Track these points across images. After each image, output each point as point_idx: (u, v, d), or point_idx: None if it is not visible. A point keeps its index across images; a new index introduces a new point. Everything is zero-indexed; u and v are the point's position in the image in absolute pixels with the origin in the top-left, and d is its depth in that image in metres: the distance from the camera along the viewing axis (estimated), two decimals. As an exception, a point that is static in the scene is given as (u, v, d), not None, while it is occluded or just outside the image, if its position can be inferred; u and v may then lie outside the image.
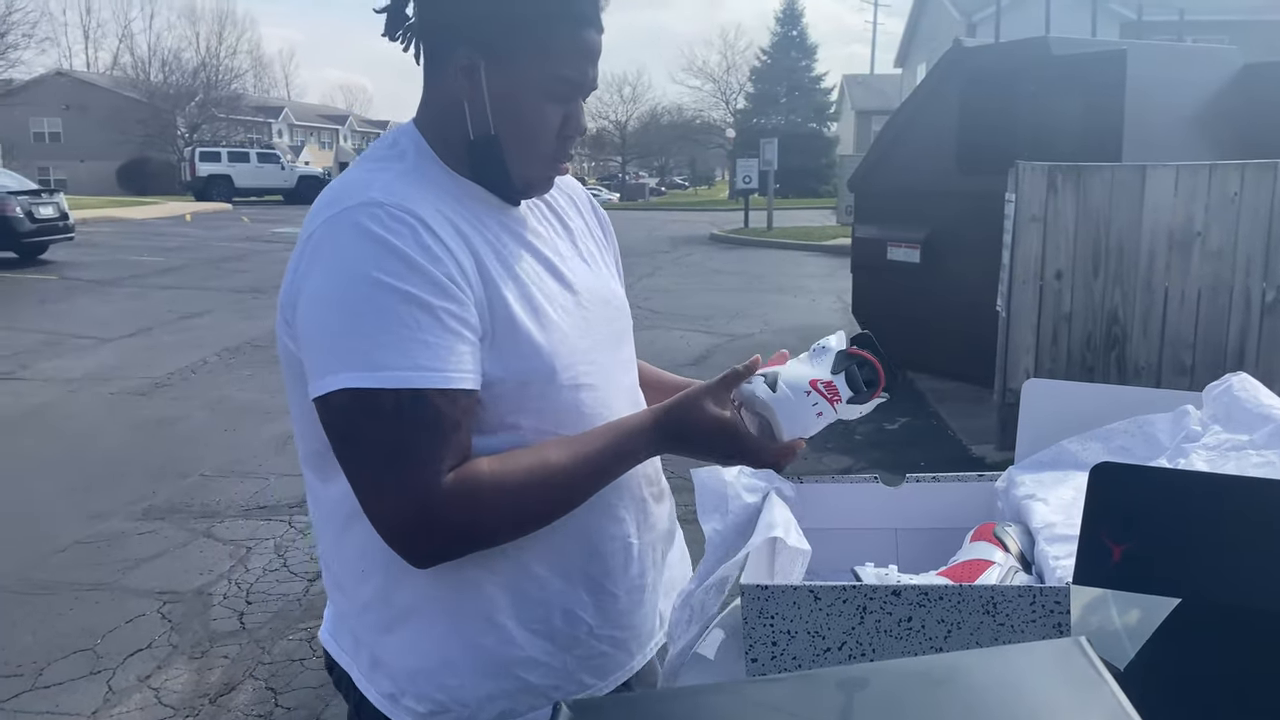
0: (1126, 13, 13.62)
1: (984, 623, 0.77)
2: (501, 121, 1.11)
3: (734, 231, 22.44)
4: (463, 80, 1.11)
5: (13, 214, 14.55)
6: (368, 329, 1.00)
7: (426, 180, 1.12)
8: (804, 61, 50.08)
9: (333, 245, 1.04)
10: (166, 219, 26.06)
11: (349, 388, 0.99)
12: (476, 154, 1.13)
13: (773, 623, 0.80)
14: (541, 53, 1.09)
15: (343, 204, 1.06)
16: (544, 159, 1.15)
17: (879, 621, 0.78)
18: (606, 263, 1.33)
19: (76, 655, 3.47)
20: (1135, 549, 0.73)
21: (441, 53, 1.13)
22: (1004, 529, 0.97)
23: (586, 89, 1.15)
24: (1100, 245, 5.38)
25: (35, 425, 6.40)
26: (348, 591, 1.19)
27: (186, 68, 49.09)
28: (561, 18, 1.10)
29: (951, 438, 6.14)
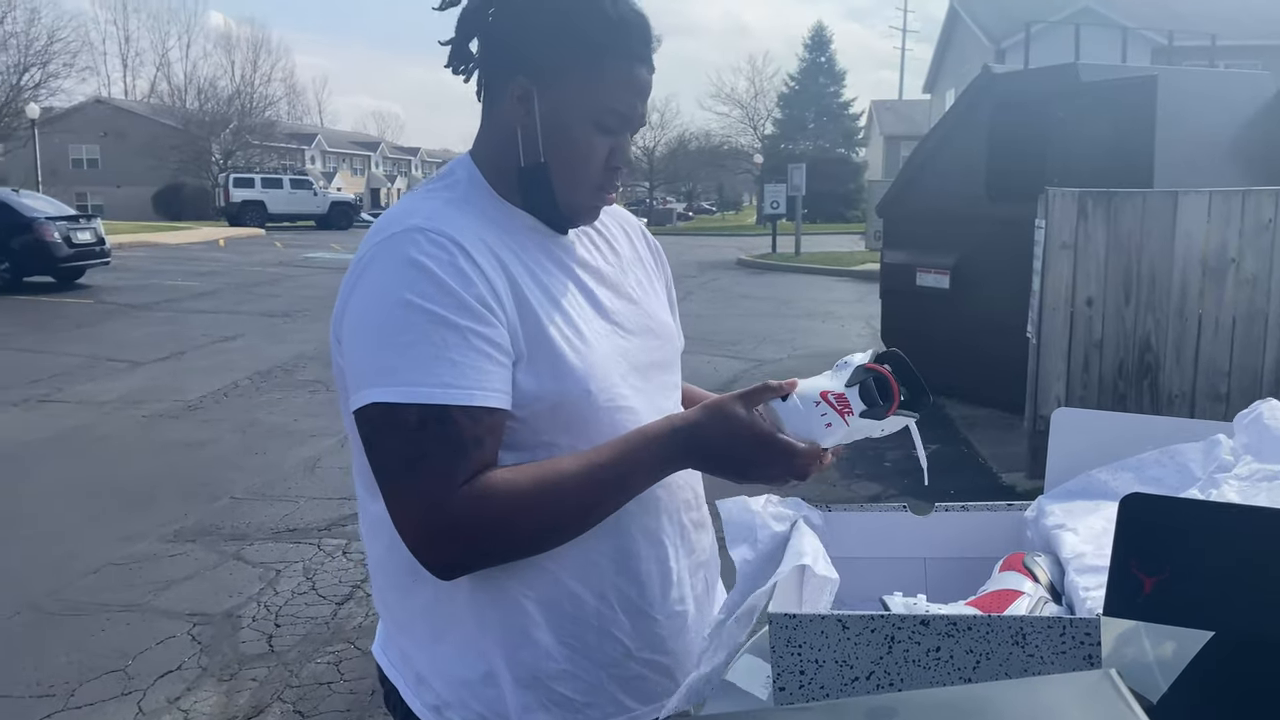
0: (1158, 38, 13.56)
1: (1013, 654, 0.76)
2: (552, 149, 1.16)
3: (762, 257, 22.45)
4: (517, 108, 1.16)
5: (51, 239, 14.81)
6: (398, 347, 1.05)
7: (473, 207, 1.17)
8: (832, 87, 50.21)
9: (375, 269, 1.10)
10: (200, 244, 26.44)
11: (377, 402, 1.05)
12: (526, 180, 1.18)
13: (800, 651, 0.80)
14: (594, 84, 1.14)
15: (389, 230, 1.12)
16: (590, 188, 1.20)
17: (907, 651, 0.78)
18: (655, 291, 1.35)
19: (108, 676, 3.50)
20: (1167, 581, 0.72)
21: (500, 82, 1.18)
22: (1033, 559, 0.97)
23: (635, 123, 1.19)
24: (1132, 272, 5.34)
25: (70, 447, 6.49)
26: (394, 606, 1.23)
27: (222, 95, 49.96)
28: (614, 52, 1.15)
29: (982, 465, 6.09)
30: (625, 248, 1.33)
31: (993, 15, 30.30)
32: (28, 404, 7.64)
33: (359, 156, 67.12)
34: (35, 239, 14.71)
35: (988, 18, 30.57)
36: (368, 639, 3.69)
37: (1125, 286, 5.35)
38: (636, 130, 1.22)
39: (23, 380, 8.45)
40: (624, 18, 1.16)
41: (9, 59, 33.91)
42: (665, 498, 1.21)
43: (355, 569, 4.42)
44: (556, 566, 1.15)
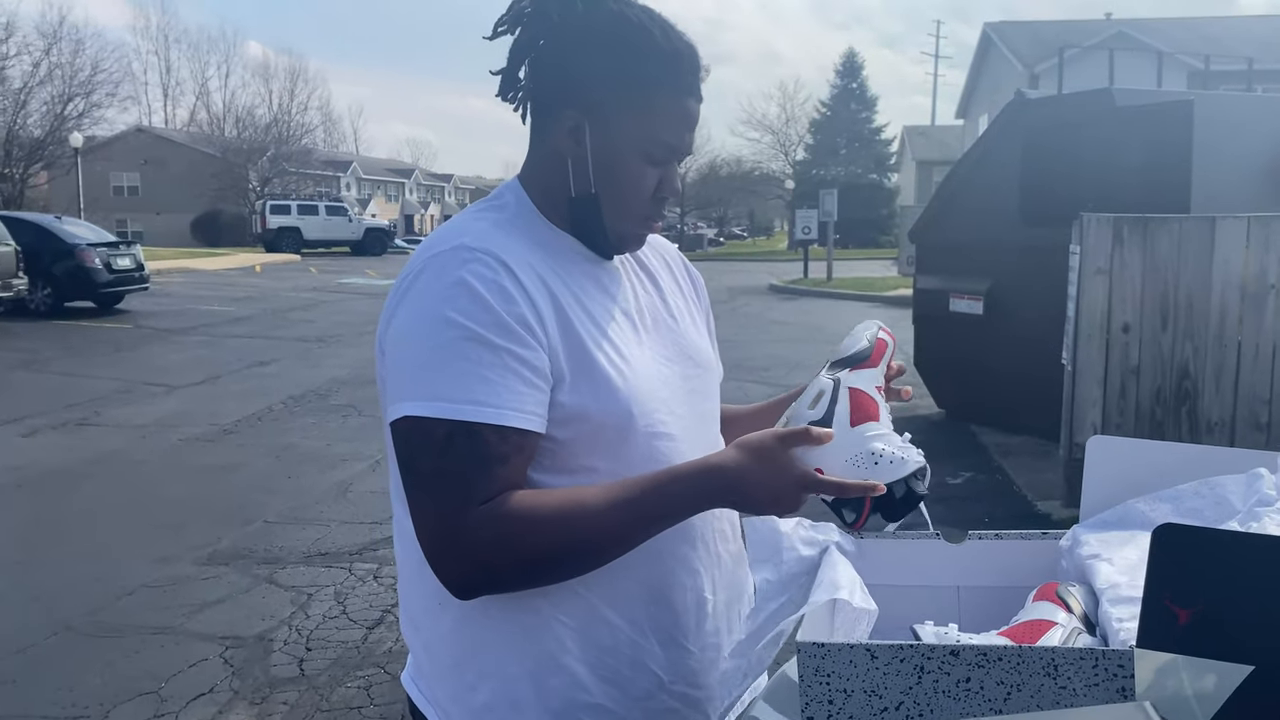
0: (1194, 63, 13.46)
1: (1045, 685, 0.75)
2: (602, 180, 1.17)
3: (793, 282, 22.43)
4: (568, 140, 1.18)
5: (92, 265, 15.09)
6: (434, 363, 1.07)
7: (520, 230, 1.19)
8: (864, 113, 50.27)
9: (421, 284, 1.12)
10: (237, 270, 26.81)
11: (409, 415, 1.06)
12: (577, 209, 1.20)
13: (829, 681, 0.79)
14: (644, 117, 1.16)
15: (437, 248, 1.14)
16: (638, 217, 1.21)
17: (937, 682, 0.77)
18: (695, 320, 1.36)
19: (141, 698, 3.52)
20: (1202, 613, 0.71)
21: (550, 113, 1.19)
22: (1067, 589, 0.95)
23: (683, 153, 1.20)
24: (1169, 298, 5.28)
25: (106, 470, 6.57)
26: (422, 628, 1.22)
27: (259, 123, 50.76)
28: (665, 85, 1.16)
29: (1016, 493, 6.01)
30: (665, 277, 1.34)
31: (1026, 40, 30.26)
32: (66, 427, 7.76)
33: (393, 183, 67.88)
34: (77, 265, 15.00)
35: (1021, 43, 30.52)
36: (398, 664, 3.70)
37: (1162, 312, 5.28)
38: (683, 159, 1.23)
39: (61, 404, 8.58)
40: (676, 50, 1.17)
41: (54, 89, 34.71)
42: (701, 527, 1.21)
43: (386, 593, 4.43)
44: (591, 594, 1.14)
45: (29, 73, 33.62)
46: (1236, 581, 0.72)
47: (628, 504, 1.07)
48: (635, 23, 1.16)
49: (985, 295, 7.35)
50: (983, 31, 35.22)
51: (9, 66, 31.80)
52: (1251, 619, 0.71)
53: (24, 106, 33.53)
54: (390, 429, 1.10)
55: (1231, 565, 0.72)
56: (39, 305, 14.86)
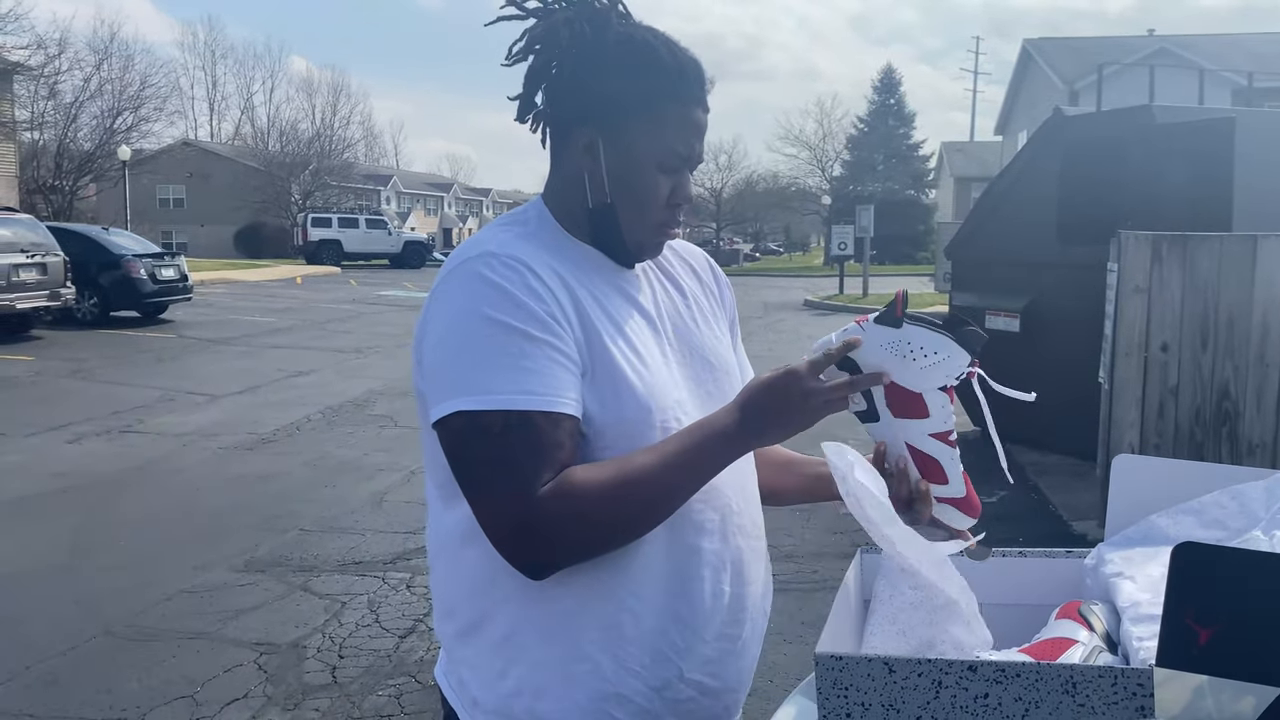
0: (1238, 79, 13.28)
1: (1063, 703, 0.75)
2: (617, 191, 1.23)
3: (828, 298, 22.34)
4: (584, 156, 1.24)
5: (137, 275, 15.37)
6: (479, 359, 1.11)
7: (542, 241, 1.24)
8: (901, 129, 50.06)
9: (452, 289, 1.18)
10: (278, 281, 27.15)
11: (462, 410, 1.10)
12: (595, 220, 1.26)
13: (847, 694, 0.80)
14: (654, 130, 1.22)
15: (463, 257, 1.20)
16: (654, 225, 1.26)
17: (955, 697, 0.77)
18: (717, 324, 1.40)
19: (177, 702, 3.57)
20: (1223, 633, 0.71)
21: (565, 132, 1.26)
22: (1089, 607, 0.95)
23: (693, 162, 1.27)
24: (1209, 317, 5.21)
25: (147, 478, 6.68)
26: (456, 617, 1.26)
27: (302, 138, 51.46)
28: (671, 99, 1.22)
29: (1052, 513, 5.95)
30: (689, 282, 1.39)
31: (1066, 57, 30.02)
32: (110, 435, 7.90)
33: (432, 197, 68.50)
34: (123, 275, 15.28)
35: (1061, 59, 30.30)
36: (429, 673, 3.72)
37: (1202, 332, 5.21)
38: (695, 167, 1.28)
39: (106, 411, 8.74)
40: (681, 65, 1.23)
41: (104, 104, 35.40)
42: (722, 523, 1.24)
43: (419, 602, 4.46)
44: (615, 585, 1.18)
45: (80, 87, 34.31)
46: (1257, 601, 0.72)
47: (676, 454, 1.13)
48: (641, 41, 1.23)
49: (1022, 313, 7.28)
50: (1022, 48, 35.00)
51: (61, 81, 32.48)
52: (1273, 639, 0.71)
53: (74, 120, 34.23)
54: (439, 428, 1.14)
55: (1252, 584, 0.72)
56: (85, 314, 15.15)
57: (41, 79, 30.36)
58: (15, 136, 27.73)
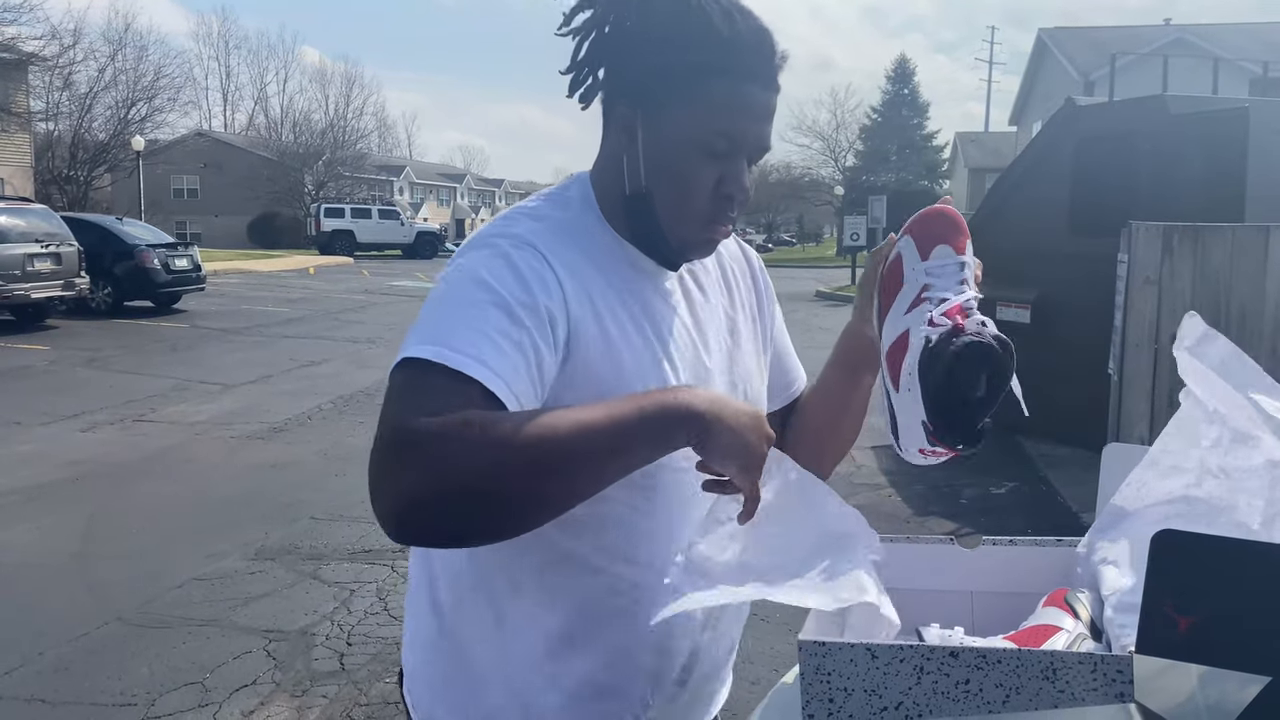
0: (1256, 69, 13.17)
1: (1044, 689, 0.76)
2: (654, 176, 1.09)
3: (840, 289, 22.29)
4: (622, 135, 1.11)
5: (151, 265, 15.47)
6: (454, 316, 0.99)
7: (580, 236, 1.11)
8: (915, 119, 49.84)
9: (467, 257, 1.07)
10: (291, 271, 27.26)
11: (411, 357, 0.95)
12: (630, 210, 1.12)
13: (829, 680, 0.80)
14: (697, 107, 1.07)
15: (494, 232, 1.09)
16: (698, 218, 1.11)
17: (936, 683, 0.78)
18: (755, 343, 1.28)
19: (186, 688, 3.61)
20: (1203, 621, 0.71)
21: (609, 107, 1.14)
22: (1076, 595, 0.96)
23: (750, 148, 1.10)
24: (1220, 309, 5.19)
25: (161, 467, 6.73)
26: (419, 621, 1.26)
27: (315, 128, 51.62)
28: (719, 71, 1.07)
29: (1061, 505, 5.93)
30: (715, 292, 1.24)
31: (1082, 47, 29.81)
32: (124, 424, 7.95)
33: (445, 188, 68.59)
34: (136, 265, 15.38)
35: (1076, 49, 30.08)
36: (436, 661, 3.75)
37: (1213, 323, 5.09)
38: (756, 156, 1.12)
39: (120, 400, 8.80)
40: (735, 34, 1.07)
41: (118, 94, 35.57)
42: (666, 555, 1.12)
43: (426, 592, 4.49)
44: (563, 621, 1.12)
45: (94, 78, 34.49)
46: (1237, 589, 0.72)
47: (595, 408, 0.94)
48: (694, 6, 1.07)
49: (1033, 304, 7.26)
50: (1037, 38, 34.77)
51: (75, 72, 32.65)
52: (1252, 627, 0.72)
53: (89, 111, 34.41)
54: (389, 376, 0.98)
55: (1232, 572, 0.72)
56: (100, 304, 15.25)
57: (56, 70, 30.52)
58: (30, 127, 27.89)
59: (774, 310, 1.35)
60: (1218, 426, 0.98)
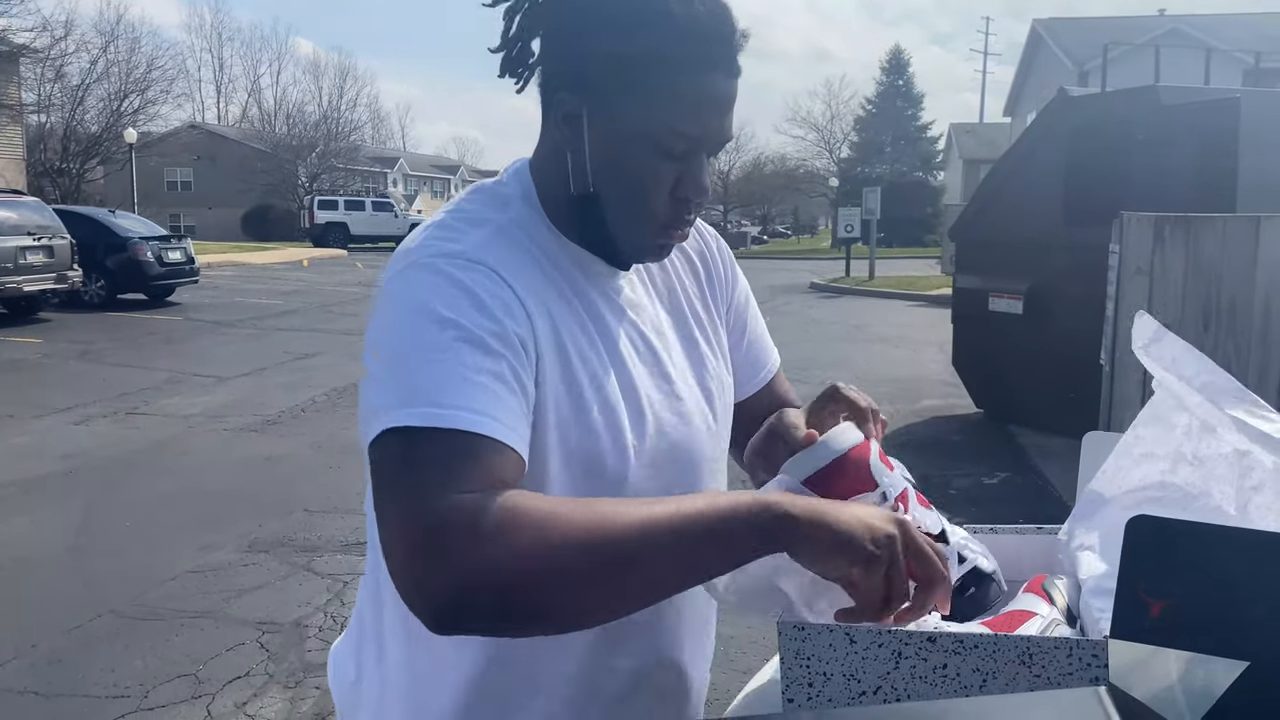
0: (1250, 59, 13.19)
1: (1020, 673, 0.77)
2: (603, 177, 0.98)
3: (835, 281, 22.31)
4: (564, 128, 0.99)
5: (144, 258, 15.44)
6: (425, 365, 0.87)
7: (526, 241, 1.00)
8: (910, 110, 49.83)
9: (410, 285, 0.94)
10: (285, 264, 27.20)
11: (398, 426, 0.84)
12: (576, 212, 1.01)
13: (809, 664, 0.81)
14: (652, 101, 0.94)
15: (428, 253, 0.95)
16: (653, 223, 1.00)
17: (914, 667, 0.79)
18: (719, 331, 1.18)
19: (180, 680, 3.62)
20: (1176, 605, 0.72)
21: (547, 95, 1.01)
22: (1053, 582, 0.97)
23: (709, 143, 0.98)
24: (1211, 299, 5.21)
25: (154, 459, 6.72)
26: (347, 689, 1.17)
27: (309, 120, 51.52)
28: (675, 61, 0.94)
29: (1053, 494, 5.96)
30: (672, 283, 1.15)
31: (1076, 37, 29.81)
32: (117, 416, 7.94)
33: (439, 180, 68.46)
34: (129, 258, 15.34)
35: (1070, 40, 30.09)
36: (429, 652, 3.75)
37: (1204, 313, 5.21)
38: (715, 151, 1.00)
39: (113, 393, 8.79)
40: (693, 19, 0.94)
41: (110, 86, 35.45)
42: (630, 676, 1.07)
43: (420, 583, 4.50)
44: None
45: (86, 70, 34.38)
46: (1209, 574, 0.73)
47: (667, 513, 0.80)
48: None
49: (1025, 294, 7.28)
50: (1032, 28, 34.77)
51: (68, 64, 32.52)
52: (1224, 611, 0.73)
53: (81, 103, 34.31)
54: (373, 450, 0.86)
55: (1204, 557, 0.73)
56: (93, 297, 15.22)
57: (48, 61, 30.39)
58: (22, 119, 27.76)
59: (736, 291, 1.23)
60: (1187, 415, 0.99)
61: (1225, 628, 0.71)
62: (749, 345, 1.26)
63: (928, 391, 9.17)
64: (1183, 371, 0.94)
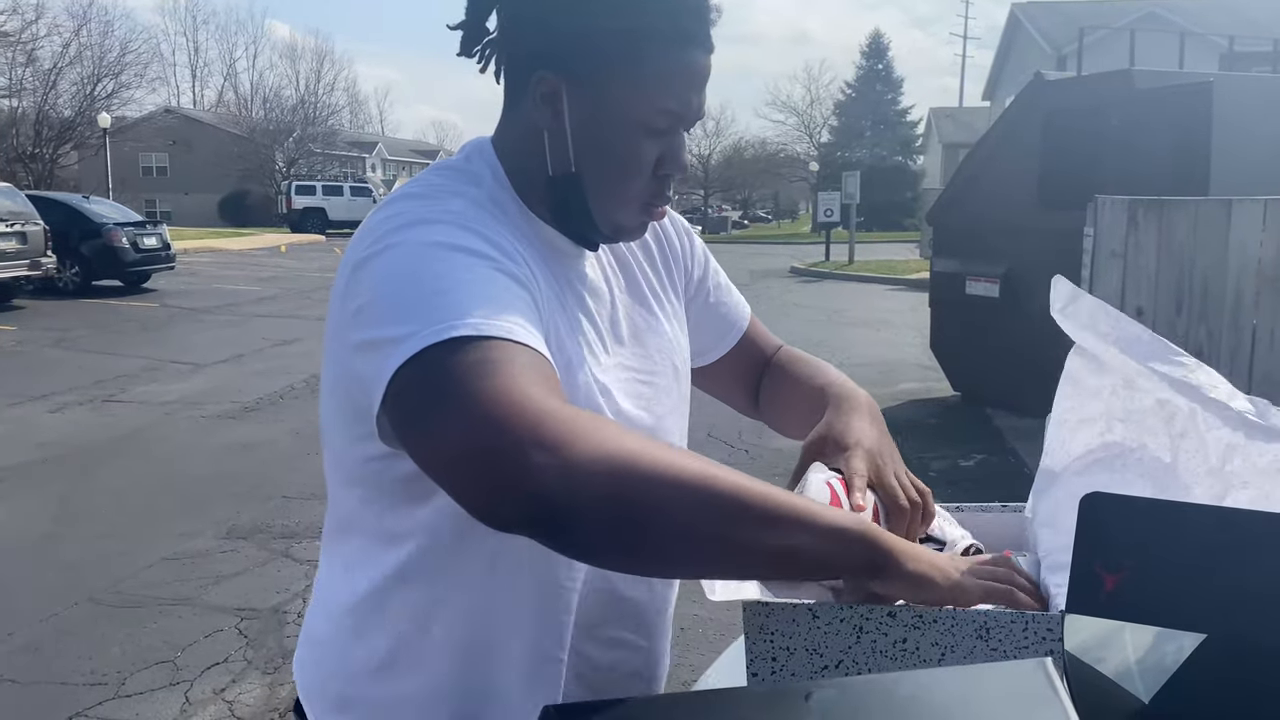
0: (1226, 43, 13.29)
1: (977, 647, 0.78)
2: (585, 157, 0.96)
3: (815, 265, 22.37)
4: (543, 108, 0.97)
5: (119, 244, 15.30)
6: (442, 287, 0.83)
7: (501, 216, 0.97)
8: (889, 95, 49.92)
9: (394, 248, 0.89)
10: (263, 250, 27.02)
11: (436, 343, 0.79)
12: (556, 193, 0.99)
13: (772, 639, 0.83)
14: (635, 79, 0.94)
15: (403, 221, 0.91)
16: (636, 202, 1.00)
17: (875, 642, 0.80)
18: (679, 307, 1.18)
19: (158, 667, 3.61)
20: (1129, 579, 0.74)
21: (521, 74, 0.98)
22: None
23: (689, 119, 0.98)
24: (1184, 282, 5.25)
25: (132, 447, 6.69)
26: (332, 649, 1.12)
27: (286, 105, 51.12)
28: (660, 36, 0.93)
29: (1029, 475, 5.98)
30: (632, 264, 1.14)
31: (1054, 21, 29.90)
32: (93, 404, 7.89)
33: (419, 164, 67.97)
34: (104, 244, 15.21)
35: (1049, 24, 30.18)
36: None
37: (1177, 297, 5.26)
38: (691, 125, 1.00)
39: (89, 381, 8.73)
40: None
41: (83, 70, 35.05)
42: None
43: (399, 568, 4.51)
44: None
45: (59, 53, 34.01)
46: (1159, 547, 0.75)
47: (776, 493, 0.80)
48: None
49: (1001, 278, 7.33)
50: (1010, 12, 34.86)
51: (39, 47, 32.16)
52: (1173, 583, 0.75)
53: (54, 87, 33.92)
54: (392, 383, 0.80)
55: (1155, 531, 0.75)
56: (67, 284, 15.08)
57: (19, 45, 30.03)
58: (-7, 104, 27.42)
59: (694, 259, 1.22)
60: (1109, 376, 1.02)
61: (1178, 601, 0.73)
62: (717, 305, 1.27)
63: (906, 375, 9.23)
64: (1099, 329, 0.97)
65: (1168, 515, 0.74)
